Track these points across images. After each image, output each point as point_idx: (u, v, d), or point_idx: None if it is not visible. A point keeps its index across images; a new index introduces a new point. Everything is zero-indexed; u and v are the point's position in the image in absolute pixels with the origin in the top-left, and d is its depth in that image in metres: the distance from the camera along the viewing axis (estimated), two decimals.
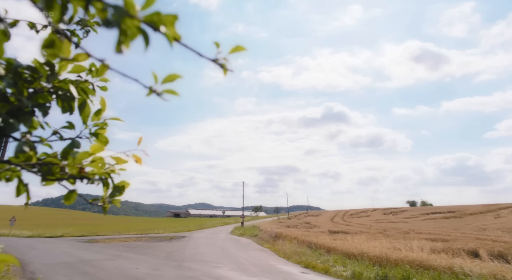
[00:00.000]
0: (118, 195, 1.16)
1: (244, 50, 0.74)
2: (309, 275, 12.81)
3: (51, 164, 0.90)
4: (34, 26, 1.43)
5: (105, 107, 1.17)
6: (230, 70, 0.76)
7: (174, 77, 0.77)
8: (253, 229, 40.12)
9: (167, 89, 0.76)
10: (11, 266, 13.72)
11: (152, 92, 0.76)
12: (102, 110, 1.15)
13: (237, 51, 0.76)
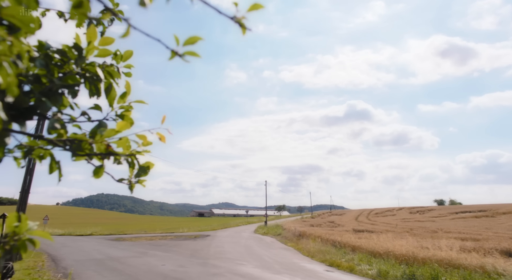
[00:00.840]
0: (143, 174, 1.20)
1: (262, 8, 0.75)
2: (334, 273, 12.68)
3: (81, 140, 0.94)
4: (62, 15, 1.50)
5: (130, 90, 1.21)
6: (249, 29, 0.77)
7: (195, 40, 0.80)
8: (276, 228, 40.08)
9: (189, 51, 0.78)
10: (45, 262, 14.31)
11: (174, 55, 0.78)
12: (127, 93, 1.20)
13: (255, 9, 0.77)
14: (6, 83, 0.66)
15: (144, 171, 1.20)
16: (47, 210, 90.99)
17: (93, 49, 1.09)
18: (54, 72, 1.00)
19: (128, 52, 1.30)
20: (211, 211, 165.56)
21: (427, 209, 78.38)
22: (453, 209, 72.70)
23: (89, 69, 1.08)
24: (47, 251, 19.74)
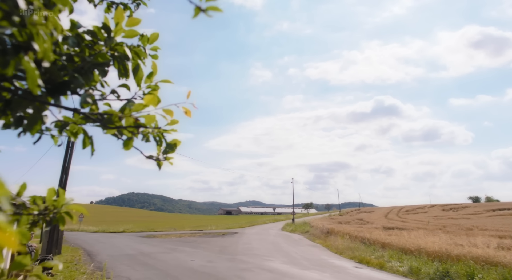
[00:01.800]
0: (170, 151, 1.24)
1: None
2: (363, 270, 12.47)
3: (111, 114, 0.99)
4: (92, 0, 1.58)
5: (156, 70, 1.25)
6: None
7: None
8: (304, 225, 39.87)
9: (211, 6, 0.81)
10: (82, 256, 14.95)
11: (198, 11, 0.80)
12: (154, 73, 1.24)
13: None
14: (43, 50, 0.71)
15: (171, 148, 1.23)
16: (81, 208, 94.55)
17: (121, 30, 1.13)
18: (85, 51, 1.05)
19: (154, 35, 1.34)
20: (238, 209, 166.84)
21: (461, 206, 75.41)
22: (489, 206, 69.56)
23: (118, 49, 1.12)
24: (83, 246, 20.62)
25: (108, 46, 1.11)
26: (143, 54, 1.19)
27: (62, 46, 1.02)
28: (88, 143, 1.08)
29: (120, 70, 1.18)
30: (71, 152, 15.80)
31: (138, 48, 1.21)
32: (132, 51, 1.18)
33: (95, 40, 1.10)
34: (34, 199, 1.11)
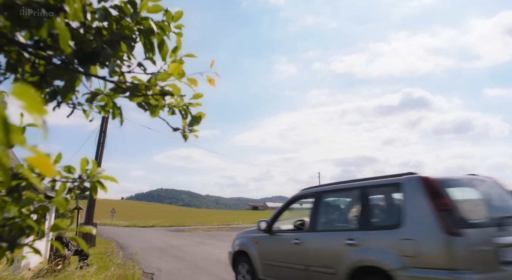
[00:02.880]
0: (196, 124, 1.27)
1: None
2: None
3: (138, 83, 1.03)
4: None
5: (181, 45, 1.28)
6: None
7: None
8: None
9: None
10: (115, 248, 15.52)
11: None
12: (178, 48, 1.27)
13: None
14: (73, 11, 0.75)
15: (197, 120, 1.27)
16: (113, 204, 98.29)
17: (146, 5, 1.17)
18: (113, 25, 1.10)
19: (178, 13, 1.37)
20: (264, 204, 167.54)
21: None
22: None
23: (144, 23, 1.16)
24: (115, 239, 21.41)
25: (134, 20, 1.15)
26: (168, 29, 1.22)
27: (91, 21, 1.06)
28: (117, 113, 1.13)
29: (146, 45, 1.22)
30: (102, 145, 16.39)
31: (162, 23, 1.25)
32: (157, 26, 1.21)
33: (121, 15, 1.14)
34: (69, 168, 1.17)
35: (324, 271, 4.78)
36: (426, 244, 3.71)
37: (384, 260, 3.97)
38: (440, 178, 4.13)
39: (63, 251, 1.02)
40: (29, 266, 10.12)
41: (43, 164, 0.47)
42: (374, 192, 4.78)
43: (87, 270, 8.28)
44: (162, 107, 1.22)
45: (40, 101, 0.44)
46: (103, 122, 16.94)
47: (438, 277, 3.49)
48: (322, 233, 5.17)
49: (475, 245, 3.58)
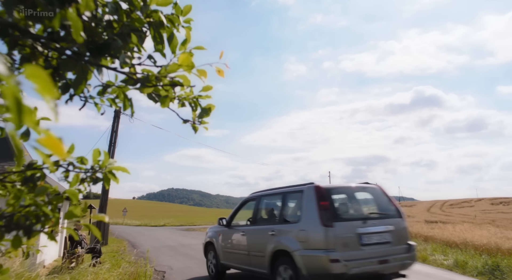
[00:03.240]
0: (205, 116, 1.28)
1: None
2: None
3: (148, 74, 1.04)
4: None
5: (190, 38, 1.30)
6: None
7: None
8: None
9: None
10: (127, 247, 15.70)
11: None
12: (188, 41, 1.28)
13: None
14: (85, 0, 0.76)
15: (206, 112, 1.28)
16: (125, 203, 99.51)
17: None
18: (123, 18, 1.12)
19: (187, 7, 1.38)
20: None
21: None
22: None
23: (153, 16, 1.18)
24: (127, 238, 21.66)
25: (144, 13, 1.17)
26: (177, 21, 1.24)
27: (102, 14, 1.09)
28: (128, 105, 1.15)
29: (156, 38, 1.24)
30: (114, 144, 16.58)
31: (172, 16, 1.26)
32: (166, 19, 1.23)
33: (131, 8, 1.16)
34: (82, 159, 1.20)
35: (258, 255, 6.39)
36: (312, 233, 5.27)
37: (289, 245, 5.55)
38: (328, 186, 5.84)
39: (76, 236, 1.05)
40: (44, 263, 10.32)
41: (55, 144, 0.49)
42: (289, 196, 6.32)
43: (100, 267, 8.40)
44: (172, 99, 1.23)
45: (52, 83, 0.46)
46: (115, 122, 17.14)
47: (317, 254, 5.07)
48: (257, 227, 6.81)
49: (341, 233, 5.16)
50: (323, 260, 5.02)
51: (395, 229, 5.76)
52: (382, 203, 6.20)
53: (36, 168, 1.13)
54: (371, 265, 5.29)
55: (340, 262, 4.97)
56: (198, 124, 1.29)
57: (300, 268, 5.26)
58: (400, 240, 5.81)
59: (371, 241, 5.43)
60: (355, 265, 5.11)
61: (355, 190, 6.33)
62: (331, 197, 5.66)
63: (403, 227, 5.99)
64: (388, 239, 5.63)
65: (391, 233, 5.66)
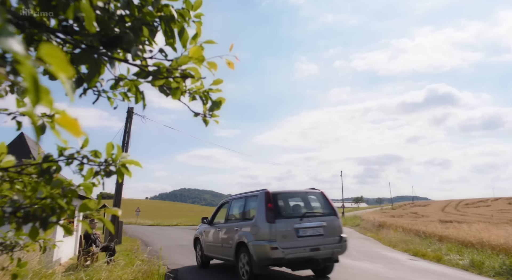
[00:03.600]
0: (216, 109, 1.29)
1: None
2: (419, 262, 11.94)
3: (159, 66, 1.05)
4: None
5: (201, 32, 1.30)
6: None
7: None
8: (354, 219, 38.98)
9: None
10: (140, 246, 15.88)
11: None
12: (198, 35, 1.29)
13: None
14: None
15: (217, 105, 1.29)
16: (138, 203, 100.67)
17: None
18: (135, 12, 1.13)
19: (198, 2, 1.39)
20: None
21: None
22: None
23: (164, 10, 1.19)
24: (140, 237, 21.91)
25: (155, 7, 1.18)
26: (187, 15, 1.25)
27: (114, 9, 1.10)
28: (140, 98, 1.17)
29: (167, 32, 1.25)
30: (127, 145, 16.78)
31: (183, 10, 1.27)
32: (177, 13, 1.24)
33: (143, 2, 1.17)
34: (95, 152, 1.22)
35: (227, 246, 8.00)
36: (260, 228, 6.85)
37: (245, 237, 7.14)
38: (275, 192, 7.33)
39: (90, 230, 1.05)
40: (60, 261, 10.51)
41: (71, 124, 0.50)
42: (249, 200, 7.92)
43: (114, 265, 8.52)
44: (183, 93, 1.24)
45: (68, 61, 0.47)
46: (127, 123, 17.35)
47: (262, 244, 6.62)
48: (228, 224, 8.42)
49: (281, 228, 6.73)
50: (266, 248, 6.59)
51: (328, 224, 7.32)
52: (321, 205, 7.90)
53: (52, 161, 1.15)
54: (304, 252, 6.81)
55: (279, 249, 6.54)
56: (209, 117, 1.29)
57: (252, 254, 6.85)
58: (332, 233, 7.33)
59: (306, 234, 6.99)
60: (290, 252, 6.64)
61: (299, 194, 8.13)
62: (277, 200, 7.25)
63: (336, 223, 7.54)
64: (321, 232, 7.16)
65: (324, 227, 7.23)
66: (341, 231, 7.60)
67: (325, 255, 7.08)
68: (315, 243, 6.97)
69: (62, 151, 1.16)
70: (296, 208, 7.82)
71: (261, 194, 7.34)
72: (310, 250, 6.86)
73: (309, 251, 6.85)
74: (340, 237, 7.43)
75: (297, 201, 8.12)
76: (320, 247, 6.98)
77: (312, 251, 6.87)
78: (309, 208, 7.92)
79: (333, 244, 7.21)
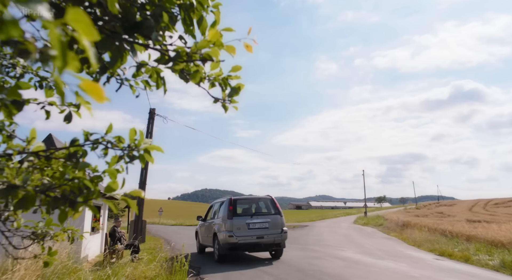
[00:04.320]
0: (235, 94, 1.31)
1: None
2: (446, 262, 11.60)
3: (179, 50, 1.08)
4: None
5: (219, 20, 1.33)
6: None
7: None
8: (377, 218, 38.28)
9: None
10: (163, 244, 16.15)
11: None
12: (217, 22, 1.31)
13: None
14: None
15: (236, 91, 1.31)
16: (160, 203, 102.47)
17: None
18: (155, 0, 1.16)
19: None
20: (308, 204, 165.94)
21: None
22: None
23: None
24: (163, 237, 22.30)
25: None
26: (206, 3, 1.27)
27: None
28: (160, 84, 1.20)
29: (186, 21, 1.28)
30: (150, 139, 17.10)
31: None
32: (196, 1, 1.27)
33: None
34: (119, 138, 1.26)
35: (209, 236, 11.20)
36: (224, 223, 9.97)
37: (217, 229, 10.30)
38: (236, 198, 10.57)
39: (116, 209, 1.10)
40: (87, 258, 10.85)
41: (94, 89, 0.52)
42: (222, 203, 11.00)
43: (138, 262, 8.71)
44: (203, 79, 1.27)
45: (93, 26, 0.49)
46: (149, 124, 17.71)
47: (224, 233, 9.76)
48: (210, 220, 11.59)
49: (237, 223, 9.82)
50: (226, 236, 9.82)
51: (272, 221, 10.34)
52: (269, 207, 10.86)
53: (78, 145, 1.20)
54: (252, 239, 9.87)
55: (234, 237, 9.73)
56: (228, 103, 1.31)
57: (219, 241, 10.09)
58: (275, 227, 10.30)
59: (255, 227, 10.07)
60: (242, 239, 9.79)
61: (254, 200, 11.45)
62: (236, 204, 10.51)
63: (279, 220, 10.48)
64: (266, 226, 10.20)
65: (268, 223, 10.27)
66: (283, 226, 10.53)
67: (268, 242, 10.08)
68: (260, 233, 10.02)
69: (88, 135, 1.21)
70: (249, 209, 11.19)
71: (227, 200, 10.74)
72: (256, 238, 9.95)
73: (255, 239, 9.94)
74: (281, 229, 10.40)
75: (251, 205, 11.42)
76: (264, 236, 10.02)
77: (258, 239, 9.95)
78: (259, 209, 11.02)
79: (275, 234, 10.17)
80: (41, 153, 1.22)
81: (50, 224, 2.20)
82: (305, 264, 10.00)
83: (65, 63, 0.48)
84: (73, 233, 2.39)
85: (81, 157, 1.21)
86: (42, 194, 1.03)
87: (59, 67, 0.49)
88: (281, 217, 10.51)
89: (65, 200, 1.07)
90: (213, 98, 1.28)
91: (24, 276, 5.59)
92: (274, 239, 10.07)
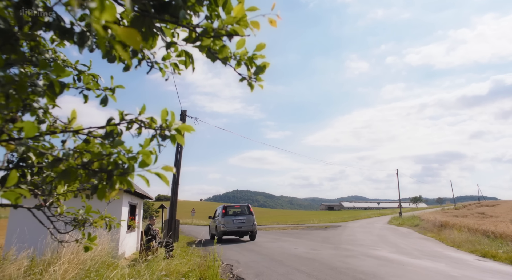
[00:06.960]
0: (260, 73, 1.33)
1: None
2: (488, 263, 11.02)
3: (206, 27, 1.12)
4: None
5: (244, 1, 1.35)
6: None
7: None
8: (413, 219, 36.97)
9: None
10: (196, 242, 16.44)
11: None
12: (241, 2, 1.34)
13: None
14: None
15: (261, 70, 1.33)
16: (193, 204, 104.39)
17: None
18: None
19: None
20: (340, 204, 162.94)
21: None
22: None
23: None
24: (196, 236, 22.70)
25: None
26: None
27: None
28: (189, 62, 1.25)
29: (211, 3, 1.32)
30: (181, 149, 17.50)
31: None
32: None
33: None
34: (151, 118, 1.31)
35: (214, 227, 19.44)
36: (220, 220, 17.81)
37: (218, 223, 18.13)
38: (227, 205, 19.18)
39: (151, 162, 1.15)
40: (124, 255, 11.26)
41: (130, 34, 0.56)
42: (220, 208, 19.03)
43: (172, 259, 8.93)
44: (229, 59, 1.30)
45: None
46: None
47: (220, 225, 17.66)
48: (216, 218, 19.20)
49: (226, 220, 17.66)
50: (220, 227, 17.43)
51: (247, 219, 17.75)
52: (245, 210, 18.41)
53: (114, 124, 1.27)
54: (234, 228, 17.40)
55: (225, 227, 17.29)
56: (254, 81, 1.34)
57: (218, 229, 17.68)
58: (249, 222, 17.72)
59: (237, 222, 17.53)
60: (228, 228, 17.34)
61: (238, 206, 18.88)
62: (227, 208, 18.42)
63: (251, 218, 17.89)
64: (244, 221, 17.62)
65: (245, 219, 17.67)
66: (254, 221, 17.91)
67: (244, 230, 17.59)
68: (240, 225, 17.45)
69: (123, 115, 1.28)
70: (234, 212, 18.37)
71: (222, 206, 18.64)
72: (237, 227, 17.40)
73: (237, 228, 17.40)
74: (253, 223, 17.78)
75: (236, 209, 18.71)
76: (242, 227, 17.46)
77: (238, 228, 17.41)
78: (240, 212, 18.41)
79: (248, 225, 17.63)
80: (81, 131, 1.30)
81: (89, 211, 2.32)
82: (338, 262, 9.85)
83: (103, 8, 0.52)
84: (110, 221, 2.51)
85: (117, 136, 1.28)
86: (82, 167, 1.10)
87: (95, 16, 0.53)
88: (252, 216, 18.01)
89: (102, 173, 1.14)
90: (240, 75, 1.31)
91: (67, 269, 5.90)
92: (248, 229, 17.64)
